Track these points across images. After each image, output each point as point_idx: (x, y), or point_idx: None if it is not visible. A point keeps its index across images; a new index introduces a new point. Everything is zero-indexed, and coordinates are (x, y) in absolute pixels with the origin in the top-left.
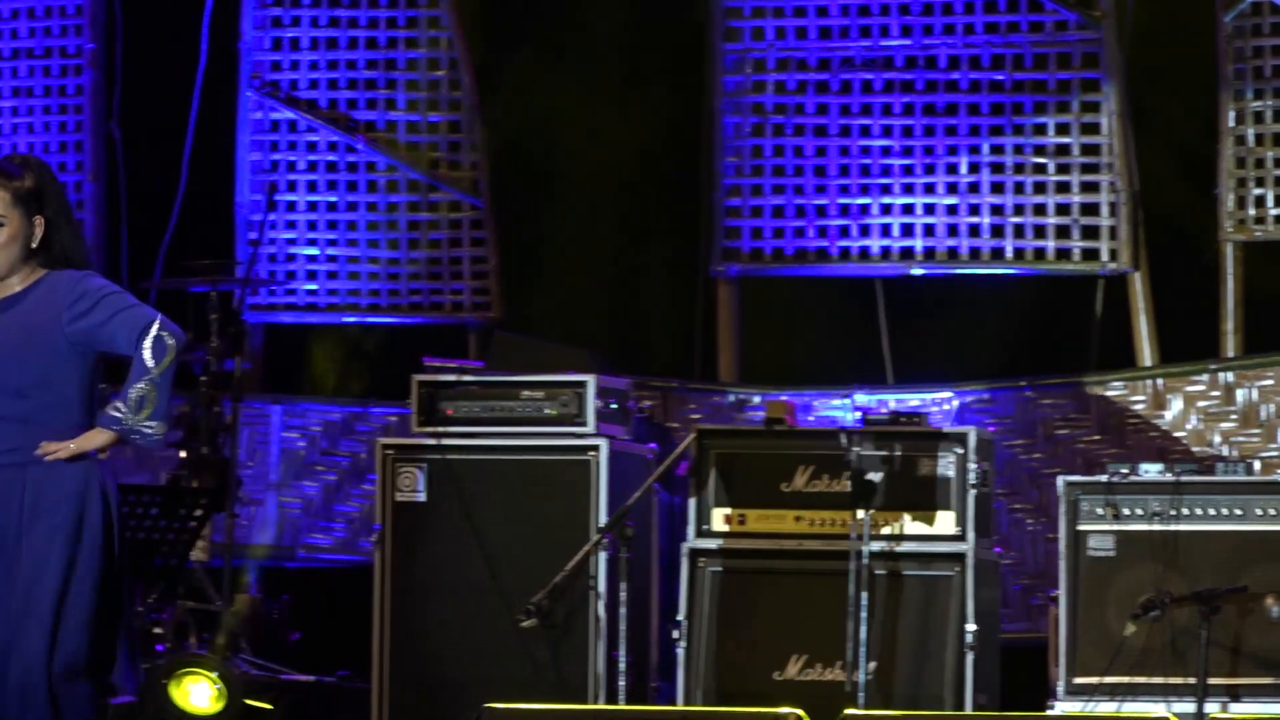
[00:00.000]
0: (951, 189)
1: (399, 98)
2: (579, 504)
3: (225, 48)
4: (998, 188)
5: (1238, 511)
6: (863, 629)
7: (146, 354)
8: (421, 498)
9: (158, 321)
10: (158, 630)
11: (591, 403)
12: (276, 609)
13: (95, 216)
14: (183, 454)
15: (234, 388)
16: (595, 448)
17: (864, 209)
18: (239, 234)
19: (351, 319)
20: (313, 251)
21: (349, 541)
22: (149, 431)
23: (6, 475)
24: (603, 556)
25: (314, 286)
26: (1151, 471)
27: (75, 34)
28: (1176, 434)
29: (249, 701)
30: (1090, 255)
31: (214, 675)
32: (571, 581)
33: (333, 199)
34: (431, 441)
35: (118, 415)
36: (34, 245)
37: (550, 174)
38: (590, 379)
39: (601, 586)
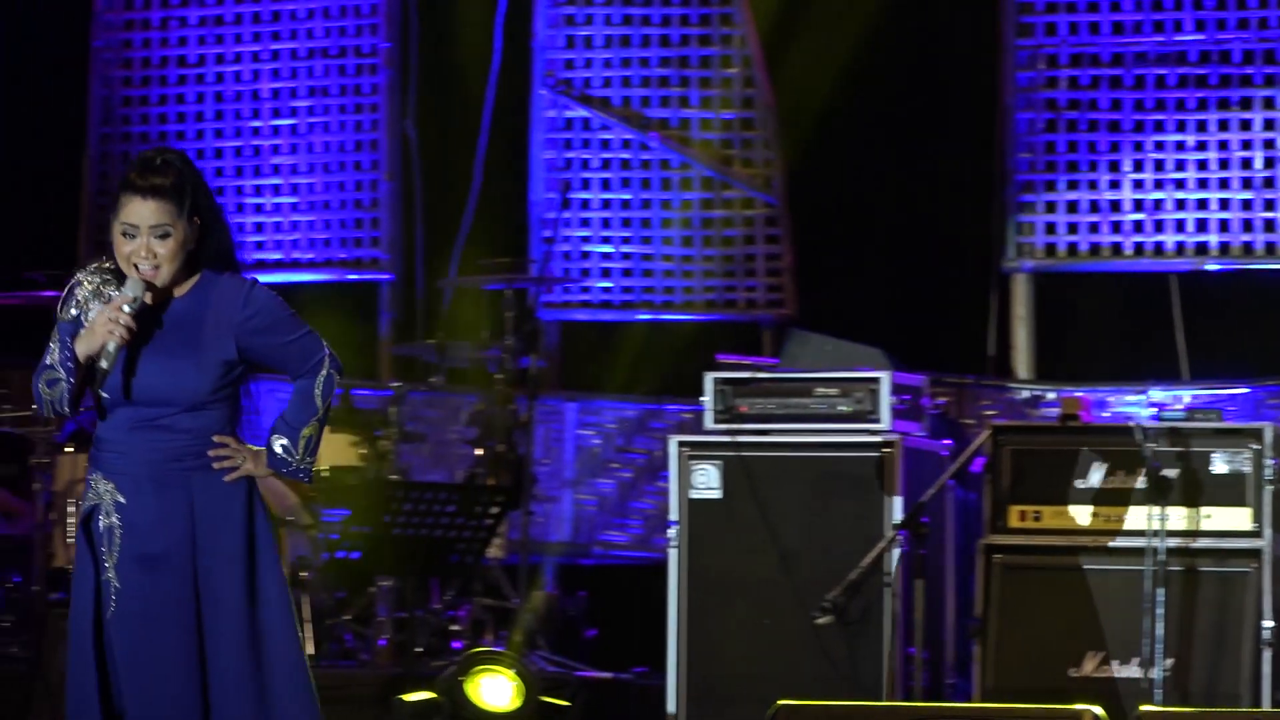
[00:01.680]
0: (1246, 184)
1: (692, 95)
2: (873, 500)
3: (519, 46)
4: None
5: None
6: (1159, 626)
7: (317, 393)
8: (716, 494)
9: (328, 357)
10: (455, 627)
11: (886, 399)
12: (572, 606)
13: (390, 215)
14: (479, 451)
15: (529, 385)
16: (890, 444)
17: (1158, 204)
18: (533, 232)
19: (645, 316)
20: (607, 249)
21: (644, 538)
22: (311, 471)
23: (175, 485)
24: (897, 553)
25: (608, 284)
26: None
27: (371, 33)
28: None
29: (545, 699)
30: None
31: (511, 672)
32: (866, 578)
33: (626, 196)
34: (726, 438)
35: (286, 458)
36: (190, 248)
37: (842, 170)
38: (884, 375)
39: (896, 583)
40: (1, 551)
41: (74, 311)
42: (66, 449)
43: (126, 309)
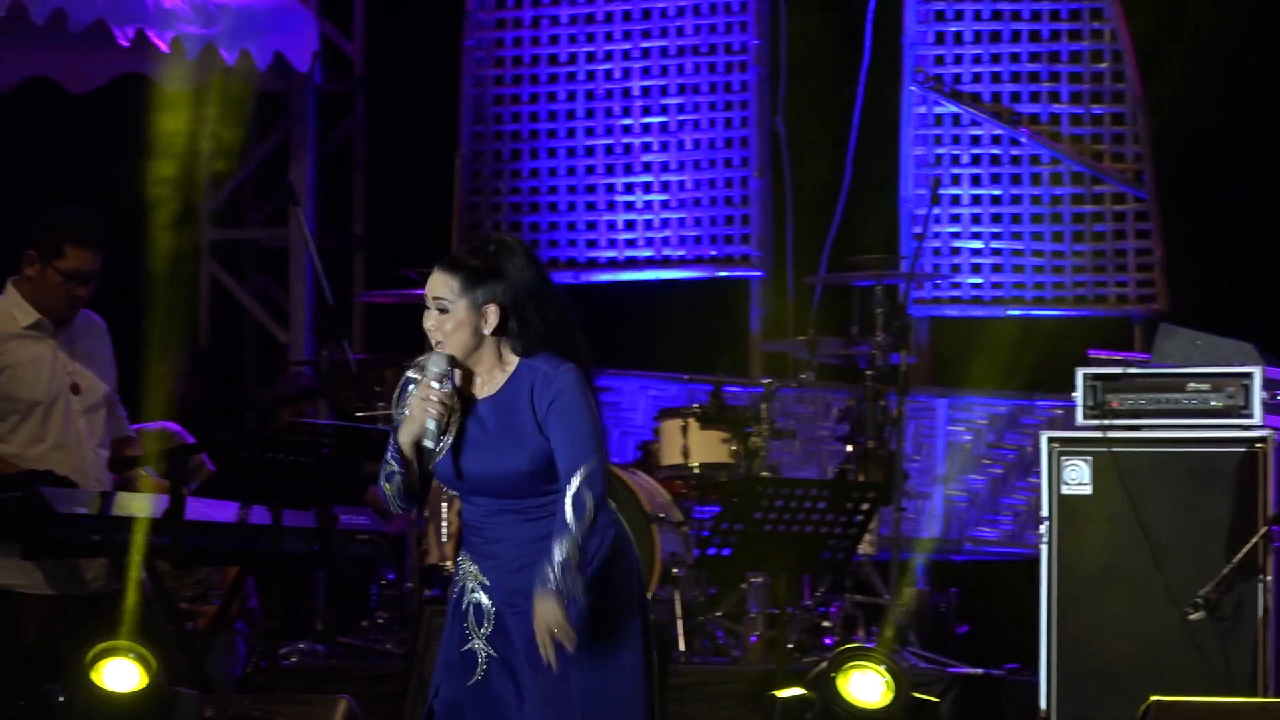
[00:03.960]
0: None
1: (1062, 90)
2: (1245, 496)
3: (889, 43)
4: None
5: None
6: None
7: (568, 507)
8: (1087, 490)
9: (585, 469)
10: (826, 624)
11: (1258, 394)
12: (944, 602)
13: (761, 212)
14: (849, 448)
15: (900, 381)
16: (1263, 439)
17: None
18: (903, 228)
19: (1016, 312)
20: (976, 245)
21: (1015, 534)
22: (575, 595)
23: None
24: (1270, 548)
25: (978, 280)
26: None
27: (740, 30)
28: None
29: (917, 694)
30: None
31: (882, 668)
32: (1238, 573)
33: (996, 192)
34: (1097, 434)
35: (555, 587)
36: (486, 332)
37: (1214, 163)
38: (1256, 370)
39: (1270, 578)
40: (376, 549)
41: (404, 406)
42: None
43: (435, 385)
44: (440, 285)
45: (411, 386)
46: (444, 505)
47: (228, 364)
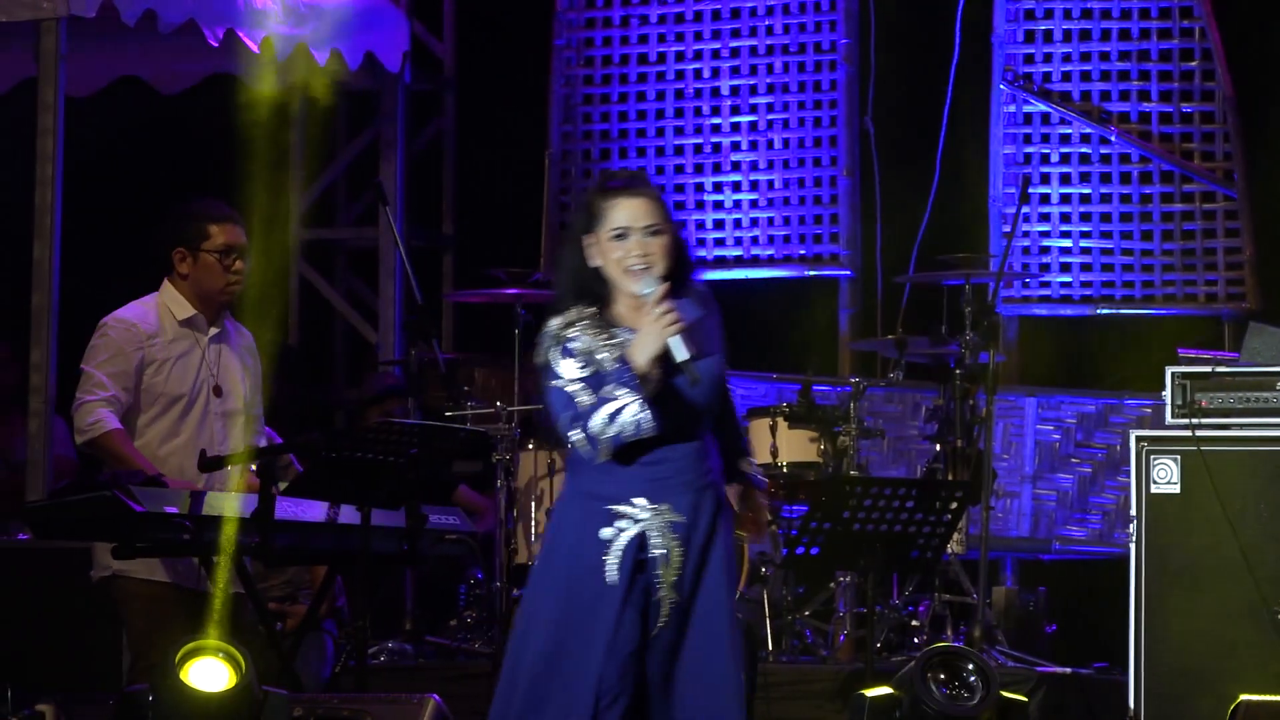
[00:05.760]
0: None
1: (1151, 89)
2: None
3: (978, 41)
4: None
5: None
6: None
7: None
8: (1176, 489)
9: None
10: (914, 623)
11: None
12: (1033, 601)
13: (849, 211)
14: (938, 447)
15: (988, 380)
16: None
17: None
18: (993, 227)
19: (1105, 311)
20: (1065, 244)
21: (1104, 533)
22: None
23: (712, 496)
24: None
25: (1067, 279)
26: None
27: (830, 30)
28: None
29: (1005, 694)
30: None
31: (971, 666)
32: None
33: (1085, 191)
34: (1186, 433)
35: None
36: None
37: None
38: None
39: None
40: (464, 549)
41: (578, 364)
42: (528, 445)
43: (663, 304)
44: (653, 211)
45: (578, 344)
46: (532, 504)
47: (317, 364)
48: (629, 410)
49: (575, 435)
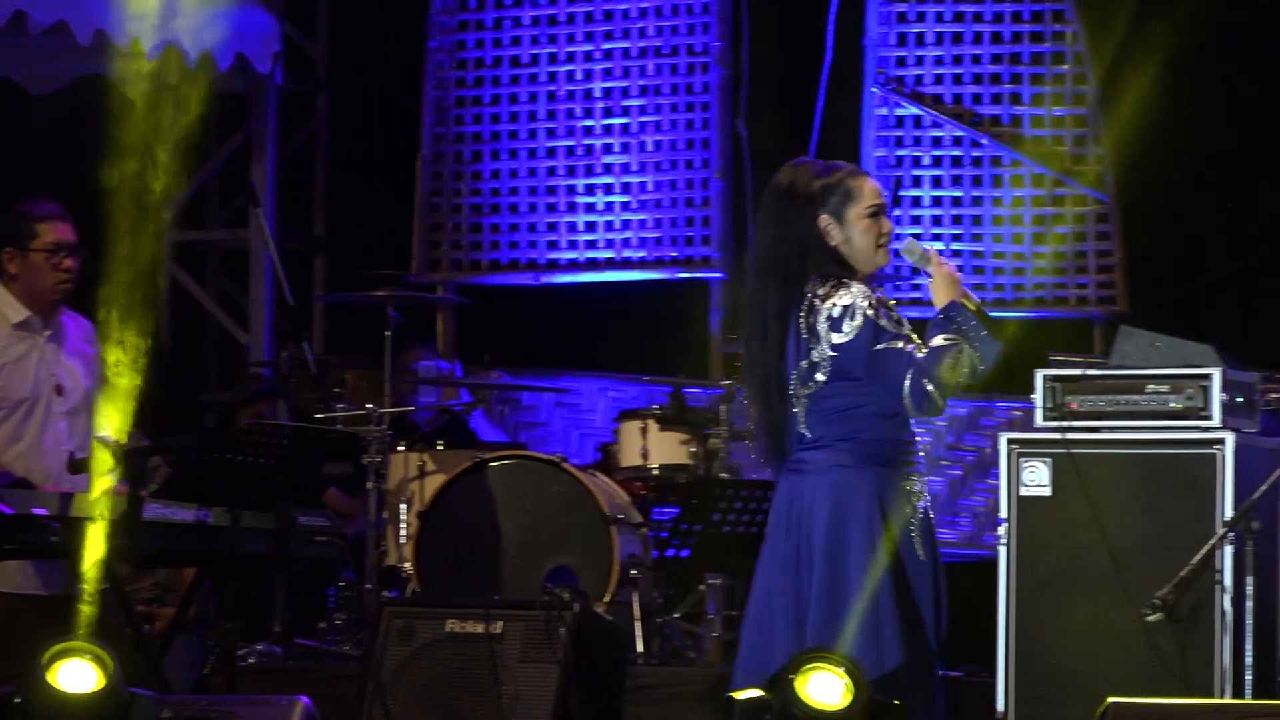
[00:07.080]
0: None
1: (1024, 92)
2: (1204, 498)
3: (850, 44)
4: None
5: None
6: None
7: None
8: (1046, 492)
9: None
10: None
11: (1217, 396)
12: None
13: (721, 213)
14: None
15: None
16: (1221, 441)
17: None
18: None
19: None
20: (937, 246)
21: (974, 536)
22: None
23: None
24: (1228, 551)
25: None
26: None
27: (702, 31)
28: None
29: (876, 697)
30: None
31: (841, 670)
32: (1197, 576)
33: (957, 194)
34: (1056, 436)
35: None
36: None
37: (1175, 165)
38: (1216, 372)
39: (1228, 581)
40: (334, 550)
41: (884, 320)
42: (399, 447)
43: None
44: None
45: (871, 309)
46: (403, 507)
47: (187, 365)
48: (965, 350)
49: (928, 386)
